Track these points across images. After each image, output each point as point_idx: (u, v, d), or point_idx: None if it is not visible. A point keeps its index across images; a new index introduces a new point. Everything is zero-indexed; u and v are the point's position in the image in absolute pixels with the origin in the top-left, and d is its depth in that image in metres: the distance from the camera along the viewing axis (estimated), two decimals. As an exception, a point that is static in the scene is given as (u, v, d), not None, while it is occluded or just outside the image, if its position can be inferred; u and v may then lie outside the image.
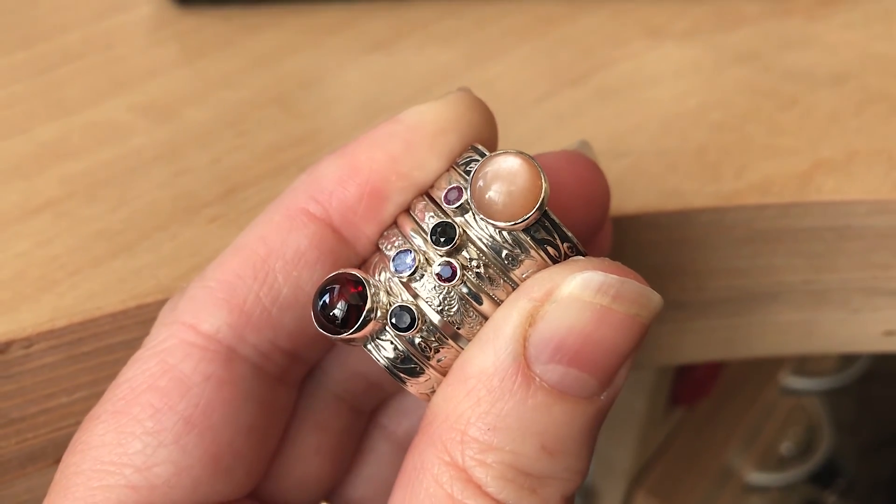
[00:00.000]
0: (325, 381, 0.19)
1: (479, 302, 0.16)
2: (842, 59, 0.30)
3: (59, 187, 0.23)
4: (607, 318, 0.15)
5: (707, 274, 0.26)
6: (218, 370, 0.16)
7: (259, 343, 0.17)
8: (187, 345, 0.16)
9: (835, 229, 0.25)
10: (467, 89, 0.18)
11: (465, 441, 0.15)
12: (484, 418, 0.15)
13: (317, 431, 0.19)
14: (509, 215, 0.15)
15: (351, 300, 0.16)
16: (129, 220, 0.22)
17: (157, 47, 0.30)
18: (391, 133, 0.17)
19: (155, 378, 0.16)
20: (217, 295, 0.17)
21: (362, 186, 0.17)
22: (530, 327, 0.15)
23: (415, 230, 0.17)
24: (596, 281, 0.15)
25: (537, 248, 0.16)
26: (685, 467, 0.60)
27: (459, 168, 0.17)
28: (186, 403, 0.16)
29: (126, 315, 0.20)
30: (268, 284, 0.17)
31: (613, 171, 0.25)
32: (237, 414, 0.17)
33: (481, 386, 0.15)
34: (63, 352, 0.20)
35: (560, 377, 0.15)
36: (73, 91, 0.27)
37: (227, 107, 0.27)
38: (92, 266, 0.21)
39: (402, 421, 0.21)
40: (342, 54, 0.30)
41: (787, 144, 0.26)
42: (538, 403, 0.15)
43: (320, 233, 0.17)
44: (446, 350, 0.16)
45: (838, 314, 0.27)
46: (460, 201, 0.16)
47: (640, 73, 0.29)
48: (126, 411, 0.16)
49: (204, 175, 0.24)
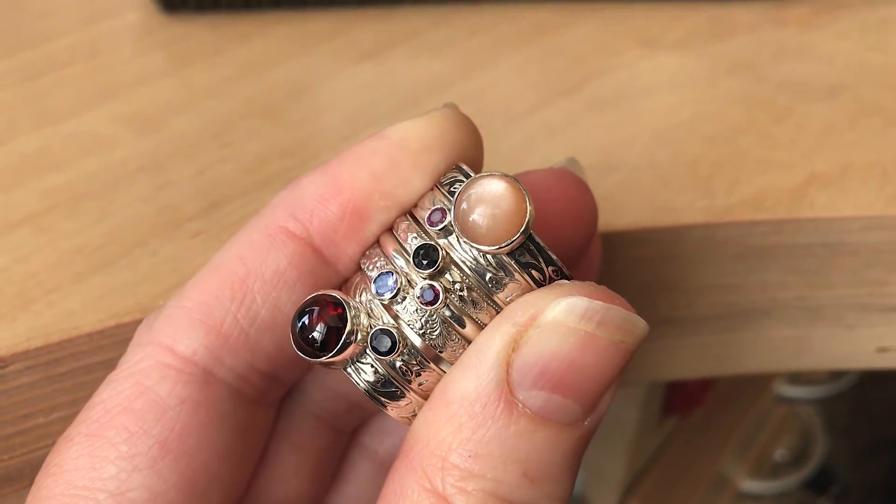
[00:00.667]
0: (304, 402, 0.19)
1: (462, 325, 0.16)
2: (837, 70, 0.30)
3: (39, 200, 0.23)
4: (591, 345, 0.15)
5: (698, 290, 0.25)
6: (194, 393, 0.16)
7: (236, 365, 0.17)
8: (163, 366, 0.16)
9: (828, 245, 0.25)
10: (453, 105, 0.18)
11: (446, 468, 0.15)
12: (465, 445, 0.15)
13: (296, 452, 0.19)
14: (493, 239, 0.15)
15: (330, 322, 0.16)
16: (109, 235, 0.22)
17: (144, 55, 0.29)
18: (374, 150, 0.17)
19: (130, 400, 0.16)
20: (194, 316, 0.16)
21: (344, 205, 0.17)
22: (513, 352, 0.15)
23: (397, 251, 0.16)
24: (580, 307, 0.15)
25: (521, 271, 0.16)
26: (678, 476, 0.60)
27: (443, 188, 0.17)
28: (162, 427, 0.16)
29: (104, 335, 0.20)
30: (246, 305, 0.16)
31: (605, 186, 0.24)
32: (214, 437, 0.16)
33: (463, 411, 0.15)
34: (39, 372, 0.20)
35: (543, 403, 0.15)
36: (58, 100, 0.27)
37: (212, 117, 0.26)
38: (71, 283, 0.21)
39: (384, 440, 0.20)
40: (331, 63, 0.29)
41: (780, 158, 0.26)
42: (521, 430, 0.15)
43: (300, 252, 0.17)
44: (428, 374, 0.16)
45: (832, 330, 0.27)
46: (444, 223, 0.16)
47: (632, 83, 0.29)
48: (100, 434, 0.16)
49: (187, 188, 0.24)
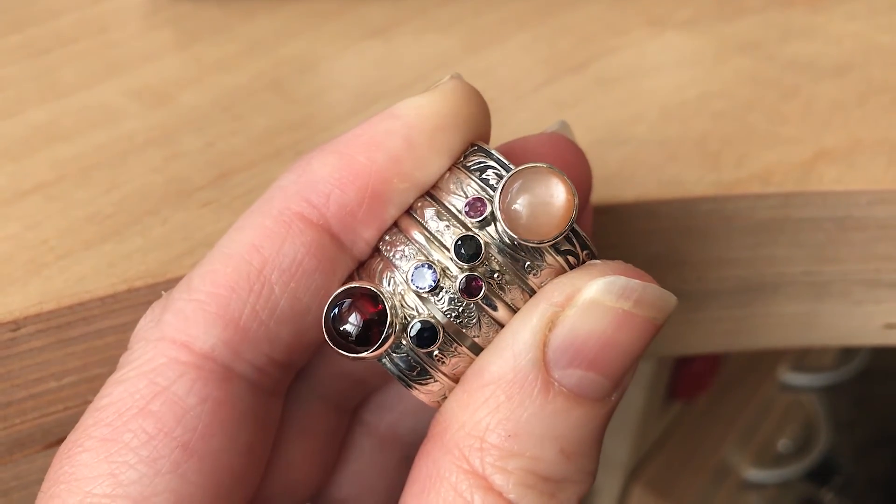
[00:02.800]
0: (310, 384, 0.19)
1: (495, 308, 0.16)
2: (845, 50, 0.30)
3: (50, 170, 0.23)
4: (627, 322, 0.15)
5: (707, 264, 0.25)
6: (215, 391, 0.15)
7: (256, 359, 0.16)
8: (179, 364, 0.15)
9: (836, 220, 0.25)
10: (459, 76, 0.17)
11: (485, 448, 0.15)
12: (504, 424, 0.15)
13: (304, 436, 0.19)
14: (541, 233, 0.15)
15: (370, 318, 0.15)
16: (120, 204, 0.22)
17: (152, 32, 0.29)
18: (389, 130, 0.16)
19: (146, 401, 0.15)
20: (209, 309, 0.16)
21: (362, 190, 0.16)
22: (550, 332, 0.15)
23: (421, 233, 0.16)
24: (618, 285, 0.15)
25: (559, 257, 0.16)
26: (682, 462, 0.60)
27: (472, 174, 0.16)
28: (183, 428, 0.15)
29: (115, 299, 0.20)
30: (264, 297, 0.16)
31: (613, 160, 0.24)
32: (236, 435, 0.16)
33: (500, 392, 0.15)
34: (51, 336, 0.20)
35: (578, 381, 0.15)
36: (67, 75, 0.27)
37: (221, 91, 0.26)
38: (82, 249, 0.21)
39: (384, 416, 0.20)
40: (339, 40, 0.29)
41: (789, 134, 0.26)
42: (557, 408, 0.15)
43: (318, 240, 0.16)
44: (460, 358, 0.16)
45: (840, 306, 0.27)
46: (483, 214, 0.16)
47: (640, 61, 0.29)
48: (115, 438, 0.15)
49: (197, 159, 0.24)
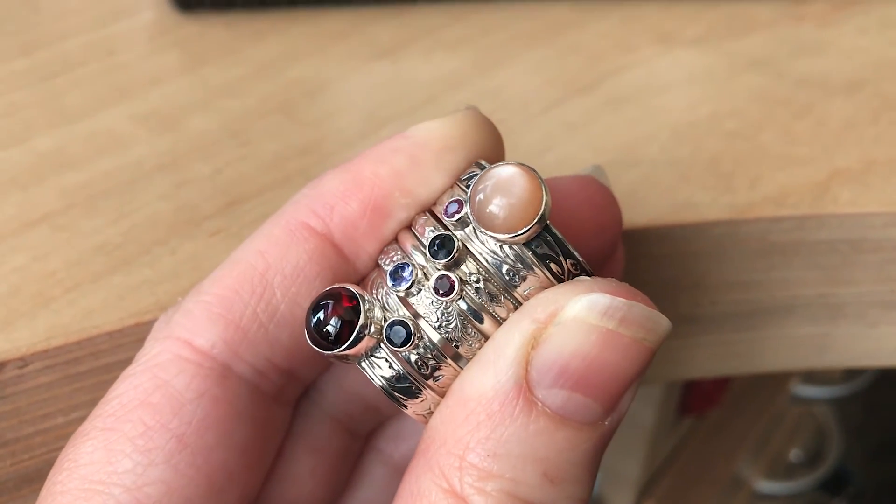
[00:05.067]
0: (320, 402, 0.19)
1: (480, 320, 0.15)
2: (856, 66, 0.29)
3: (57, 199, 0.23)
4: (613, 343, 0.15)
5: (720, 287, 0.25)
6: (212, 387, 0.16)
7: (255, 360, 0.17)
8: (181, 360, 0.16)
9: (851, 242, 0.24)
10: (474, 108, 0.18)
11: (464, 467, 0.14)
12: (483, 444, 0.14)
13: (312, 453, 0.19)
14: (509, 227, 0.15)
15: (344, 315, 0.15)
16: (128, 234, 0.22)
17: (159, 54, 0.29)
18: (396, 148, 0.17)
19: (147, 394, 0.16)
20: (213, 310, 0.16)
21: (365, 202, 0.17)
22: (533, 350, 0.15)
23: (415, 246, 0.16)
24: (602, 304, 0.15)
25: (539, 263, 0.15)
26: (694, 477, 0.60)
27: (462, 184, 0.17)
28: (179, 421, 0.15)
29: (123, 334, 0.20)
30: (265, 300, 0.16)
31: (624, 182, 0.24)
32: (231, 433, 0.16)
33: (481, 409, 0.14)
34: (59, 371, 0.19)
35: (563, 402, 0.15)
36: (74, 99, 0.27)
37: (229, 116, 0.26)
38: (90, 281, 0.21)
39: (399, 445, 0.20)
40: (347, 61, 0.29)
41: (802, 154, 0.25)
42: (540, 429, 0.14)
43: (321, 248, 0.17)
44: (444, 369, 0.16)
45: (854, 328, 0.26)
46: (460, 214, 0.16)
47: (650, 80, 0.29)
48: (116, 428, 0.15)
49: (205, 186, 0.23)
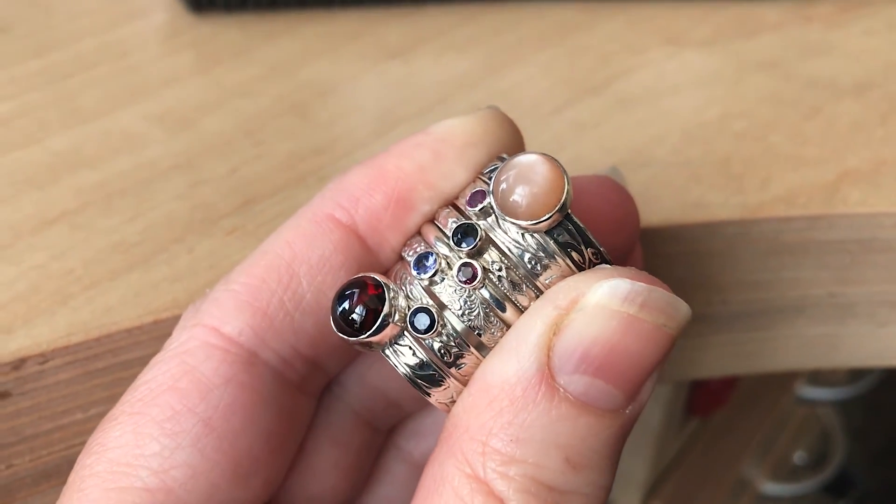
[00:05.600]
0: (344, 396, 0.19)
1: (502, 308, 0.16)
2: (864, 67, 0.29)
3: (74, 198, 0.23)
4: (634, 328, 0.15)
5: (731, 287, 0.25)
6: (239, 373, 0.16)
7: (281, 348, 0.17)
8: (208, 346, 0.16)
9: (861, 241, 0.24)
10: (496, 107, 0.18)
11: (487, 453, 0.14)
12: (507, 429, 0.14)
13: (335, 446, 0.19)
14: (531, 214, 0.15)
15: (369, 303, 0.16)
16: (145, 232, 0.22)
17: (173, 55, 0.29)
18: (420, 144, 0.17)
19: (175, 379, 0.16)
20: (240, 298, 0.17)
21: (389, 194, 0.17)
22: (555, 336, 0.15)
23: (438, 237, 0.16)
24: (623, 289, 0.15)
25: (561, 252, 0.16)
26: (700, 478, 0.60)
27: (484, 177, 0.17)
28: (206, 405, 0.16)
29: (142, 330, 0.20)
30: (292, 289, 0.17)
31: (636, 183, 0.24)
32: (257, 419, 0.16)
33: (504, 395, 0.15)
34: (78, 367, 0.20)
35: (585, 388, 0.15)
36: (88, 100, 0.27)
37: (243, 116, 0.26)
38: (108, 279, 0.21)
39: (420, 443, 0.20)
40: (359, 62, 0.29)
41: (812, 154, 0.25)
42: (562, 415, 0.15)
43: (346, 239, 0.17)
44: (467, 357, 0.16)
45: (864, 328, 0.26)
46: (483, 203, 0.16)
47: (660, 81, 0.29)
48: (144, 412, 0.16)
49: (221, 186, 0.24)
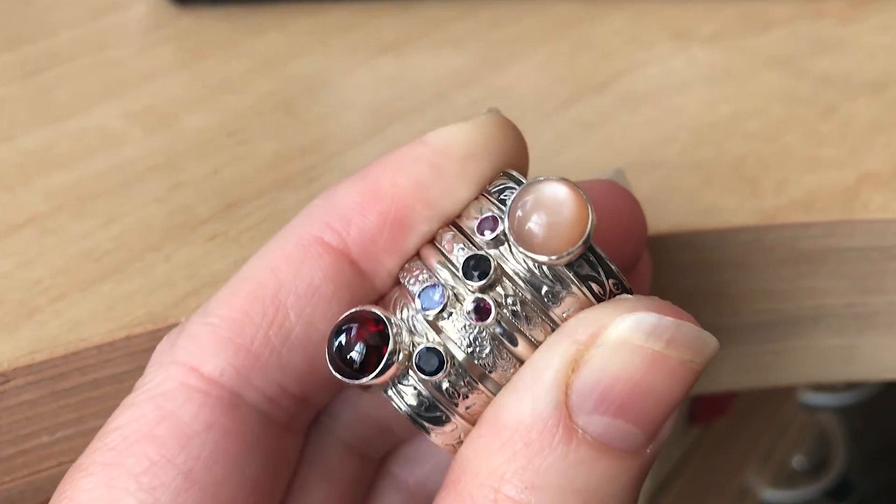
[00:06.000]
0: (332, 426, 0.18)
1: (514, 343, 0.14)
2: (879, 64, 0.28)
3: (44, 201, 0.22)
4: (659, 365, 0.14)
5: (745, 297, 0.24)
6: (221, 418, 0.15)
7: (266, 387, 0.15)
8: (187, 388, 0.15)
9: (882, 249, 0.23)
10: (497, 111, 0.17)
11: (499, 500, 0.13)
12: (521, 475, 0.13)
13: (324, 481, 0.18)
14: (553, 249, 0.14)
15: (370, 340, 0.14)
16: (119, 239, 0.21)
17: (154, 49, 0.28)
18: (416, 156, 0.16)
19: (151, 426, 0.15)
20: (221, 333, 0.15)
21: (384, 214, 0.15)
22: (573, 373, 0.14)
23: (441, 263, 0.15)
24: (648, 323, 0.14)
25: (581, 284, 0.14)
26: (701, 488, 0.59)
27: (492, 196, 0.15)
28: (186, 455, 0.14)
29: (113, 347, 0.18)
30: (278, 322, 0.15)
31: (645, 186, 0.23)
32: (242, 467, 0.15)
33: (518, 438, 0.14)
34: (44, 388, 0.18)
35: (604, 429, 0.14)
36: (63, 96, 0.26)
37: (227, 113, 0.25)
38: (78, 290, 0.19)
39: (414, 469, 0.19)
40: (351, 57, 0.28)
41: (829, 156, 0.24)
42: (581, 458, 0.14)
43: (336, 265, 0.15)
44: (476, 396, 0.15)
45: (883, 339, 0.25)
46: (496, 232, 0.15)
47: (667, 78, 0.28)
48: (118, 463, 0.14)
49: (202, 188, 0.22)
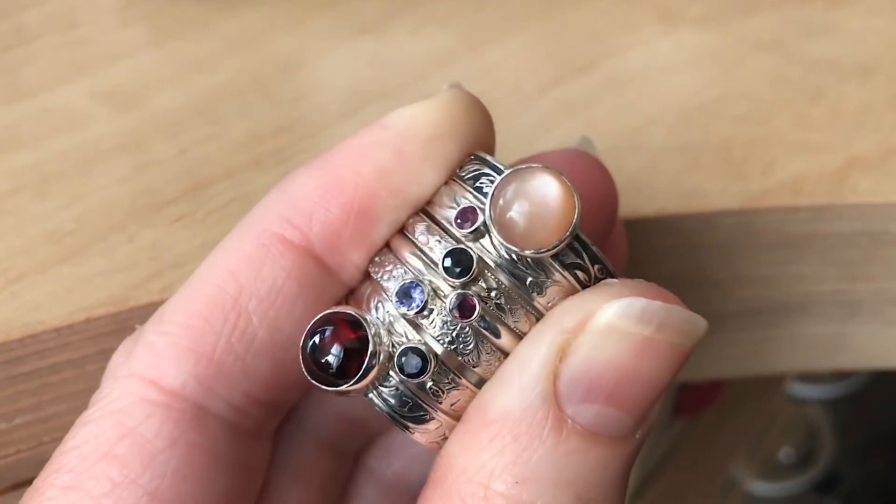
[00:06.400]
0: (303, 425, 0.17)
1: (498, 336, 0.14)
2: (869, 49, 0.28)
3: (4, 181, 0.21)
4: (650, 350, 0.13)
5: (731, 283, 0.24)
6: (186, 432, 0.14)
7: (232, 397, 0.15)
8: (147, 403, 0.14)
9: (871, 234, 0.23)
10: (459, 85, 0.16)
11: (489, 497, 0.13)
12: (510, 469, 0.13)
13: (298, 482, 0.17)
14: (539, 241, 0.14)
15: (348, 345, 0.14)
16: (81, 220, 0.20)
17: (124, 28, 0.27)
18: (378, 141, 0.15)
19: (111, 444, 0.14)
20: (180, 342, 0.14)
21: (348, 206, 0.15)
22: (561, 362, 0.13)
23: (415, 255, 0.14)
24: (637, 308, 0.13)
25: (566, 272, 0.14)
26: (688, 479, 0.59)
27: (466, 183, 0.15)
28: (151, 474, 0.14)
29: (73, 330, 0.18)
30: (240, 328, 0.15)
31: (629, 169, 0.23)
32: (210, 481, 0.14)
33: (506, 431, 0.13)
34: (0, 372, 0.18)
35: (594, 418, 0.13)
36: (28, 74, 0.25)
37: (198, 93, 0.24)
38: (36, 272, 0.19)
39: (392, 462, 0.19)
40: (328, 37, 0.27)
41: (817, 140, 0.24)
42: (571, 449, 0.13)
43: (300, 263, 0.15)
44: (460, 392, 0.14)
45: (871, 327, 0.25)
46: (476, 224, 0.14)
47: (653, 60, 0.27)
48: (78, 486, 0.14)
49: (169, 168, 0.22)
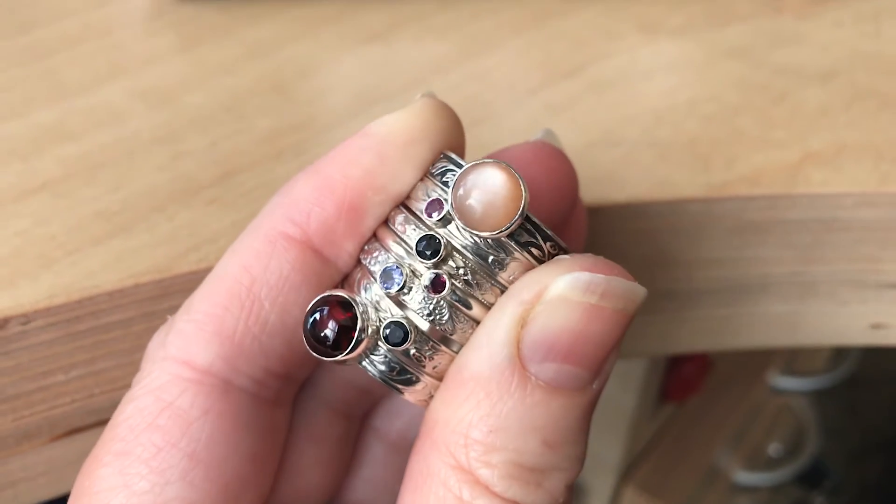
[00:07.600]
0: (316, 395, 0.20)
1: (469, 307, 0.16)
2: (832, 57, 0.30)
3: (56, 169, 0.24)
4: (596, 315, 0.16)
5: (696, 264, 0.26)
6: (216, 403, 0.17)
7: (253, 371, 0.17)
8: (182, 380, 0.17)
9: (823, 221, 0.25)
10: (431, 94, 0.18)
11: (469, 444, 0.15)
12: (485, 420, 0.15)
13: (314, 444, 0.20)
14: (492, 225, 0.16)
15: (342, 322, 0.16)
16: (126, 202, 0.23)
17: (155, 35, 0.30)
18: (363, 147, 0.17)
19: (153, 416, 0.16)
20: (207, 328, 0.17)
21: (339, 204, 0.17)
22: (522, 329, 0.16)
23: (397, 242, 0.17)
24: (583, 280, 0.16)
25: (521, 250, 0.16)
26: (674, 464, 0.60)
27: (435, 178, 0.17)
28: (189, 439, 0.16)
29: (123, 294, 0.20)
30: (255, 313, 0.17)
31: (606, 161, 0.25)
32: (239, 444, 0.17)
33: (479, 389, 0.16)
34: (60, 329, 0.20)
35: (554, 374, 0.16)
36: (72, 76, 0.27)
37: (224, 93, 0.27)
38: (90, 245, 0.21)
39: (394, 422, 0.21)
40: (339, 44, 0.30)
41: (777, 138, 0.26)
42: (536, 401, 0.16)
43: (302, 256, 0.17)
44: (440, 356, 0.17)
45: (826, 306, 0.27)
46: (442, 213, 0.16)
47: (633, 66, 0.29)
48: (128, 452, 0.16)
49: (202, 158, 0.24)
